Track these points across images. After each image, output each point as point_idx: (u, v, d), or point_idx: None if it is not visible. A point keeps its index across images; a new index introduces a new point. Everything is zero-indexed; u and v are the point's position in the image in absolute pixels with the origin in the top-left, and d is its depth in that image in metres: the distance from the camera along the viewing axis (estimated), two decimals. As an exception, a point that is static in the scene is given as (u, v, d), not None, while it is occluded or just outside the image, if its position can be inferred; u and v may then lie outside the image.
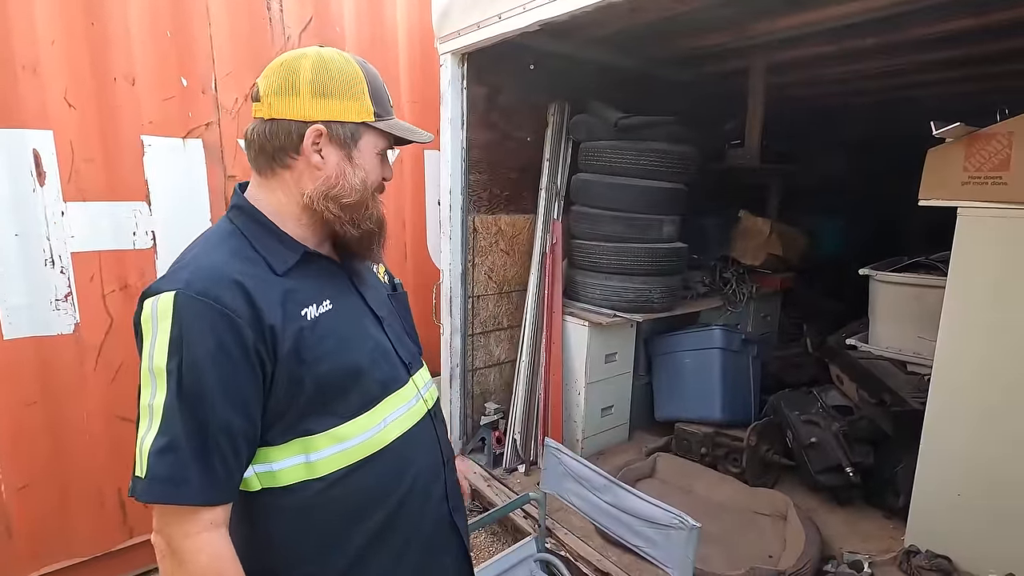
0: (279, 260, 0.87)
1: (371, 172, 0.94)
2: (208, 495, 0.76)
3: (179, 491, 0.75)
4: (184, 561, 0.76)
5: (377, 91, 0.93)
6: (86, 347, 2.09)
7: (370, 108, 0.91)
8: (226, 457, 0.77)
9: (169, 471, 0.74)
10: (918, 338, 2.58)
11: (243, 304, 0.79)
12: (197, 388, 0.75)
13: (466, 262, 2.79)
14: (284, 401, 0.83)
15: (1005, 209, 1.82)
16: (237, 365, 0.77)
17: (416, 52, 2.84)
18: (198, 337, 0.76)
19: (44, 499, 2.08)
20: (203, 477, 0.75)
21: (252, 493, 0.84)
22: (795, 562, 1.95)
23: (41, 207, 1.96)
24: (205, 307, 0.76)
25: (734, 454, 2.64)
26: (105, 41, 2.00)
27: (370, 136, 0.93)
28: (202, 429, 0.76)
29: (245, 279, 0.80)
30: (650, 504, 1.49)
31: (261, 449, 0.83)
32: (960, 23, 2.47)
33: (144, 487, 0.75)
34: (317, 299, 0.88)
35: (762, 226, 3.52)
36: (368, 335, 0.95)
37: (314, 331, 0.85)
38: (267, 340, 0.80)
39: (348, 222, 0.91)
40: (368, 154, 0.93)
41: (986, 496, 1.94)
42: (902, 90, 3.86)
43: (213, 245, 0.87)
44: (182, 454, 0.75)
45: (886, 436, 2.42)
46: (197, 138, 2.24)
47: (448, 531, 1.05)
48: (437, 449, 1.03)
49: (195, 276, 0.79)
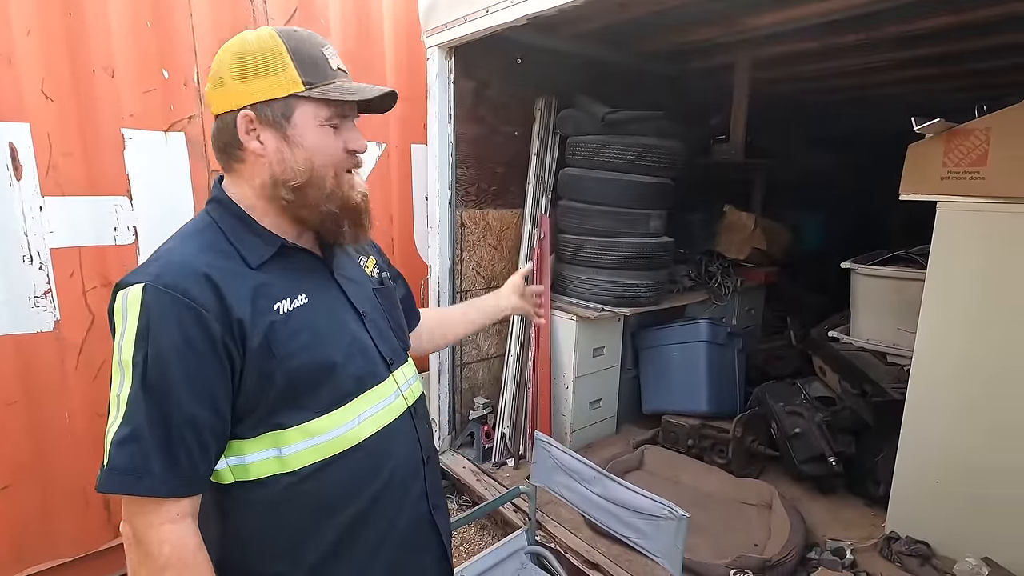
0: (254, 254, 0.86)
1: (316, 148, 0.86)
2: (171, 487, 0.76)
3: (140, 482, 0.75)
4: (149, 553, 0.76)
5: (306, 58, 0.85)
6: (67, 345, 2.05)
7: (296, 78, 0.84)
8: (191, 450, 0.77)
9: (129, 462, 0.74)
10: (898, 330, 2.64)
11: (211, 298, 0.78)
12: (161, 380, 0.75)
13: (454, 257, 2.79)
14: (254, 395, 0.82)
15: (983, 203, 1.86)
16: (203, 358, 0.77)
17: (403, 45, 2.81)
18: (164, 330, 0.76)
19: (26, 500, 2.04)
20: (166, 469, 0.75)
21: (225, 486, 0.84)
22: (780, 550, 1.99)
23: (18, 202, 1.91)
24: (172, 300, 0.76)
25: (720, 445, 2.69)
26: (83, 31, 1.95)
27: (306, 108, 0.85)
28: (165, 421, 0.75)
29: (214, 272, 0.80)
30: (639, 495, 1.51)
31: (234, 442, 0.83)
32: (938, 20, 2.52)
33: (104, 477, 0.75)
34: (292, 293, 0.87)
35: (746, 221, 3.56)
36: (346, 330, 0.93)
37: (286, 325, 0.84)
38: (235, 334, 0.79)
39: (304, 206, 0.88)
40: (307, 128, 0.86)
41: (963, 484, 2.00)
42: (881, 87, 3.92)
43: (187, 238, 0.86)
44: (144, 444, 0.75)
45: (867, 426, 2.47)
46: (179, 132, 2.20)
47: (427, 530, 1.03)
48: (416, 446, 1.01)
49: (164, 269, 0.79)
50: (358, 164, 0.94)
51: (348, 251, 1.05)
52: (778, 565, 1.94)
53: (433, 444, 1.09)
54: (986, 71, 3.32)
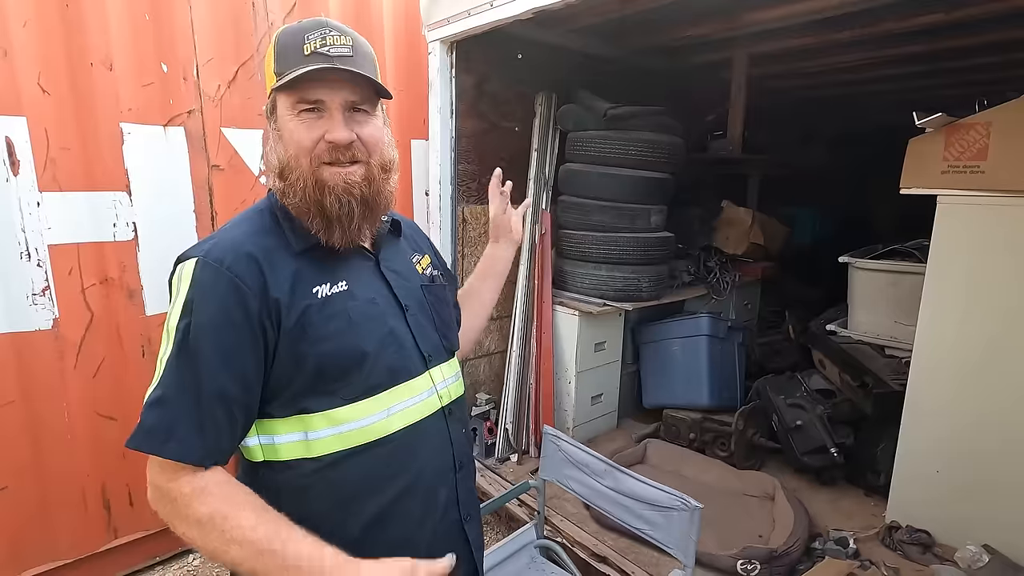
0: (300, 239, 0.89)
1: (290, 139, 0.85)
2: (197, 455, 0.77)
3: (165, 445, 0.77)
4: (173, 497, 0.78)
5: (283, 49, 0.85)
6: (66, 343, 2.01)
7: (273, 71, 0.86)
8: (218, 421, 0.79)
9: (156, 422, 0.77)
10: (895, 323, 2.68)
11: (253, 275, 0.82)
12: (197, 349, 0.78)
13: (456, 253, 2.78)
14: (285, 376, 0.83)
15: (983, 197, 1.89)
16: (239, 332, 0.80)
17: (402, 40, 2.79)
18: (207, 301, 0.79)
19: (24, 501, 2.01)
20: (191, 435, 0.77)
21: (254, 464, 0.86)
22: (785, 541, 2.01)
23: (15, 197, 1.87)
24: (218, 274, 0.80)
25: (722, 438, 2.71)
26: (81, 24, 1.91)
27: (282, 99, 0.86)
28: (196, 388, 0.78)
29: (259, 252, 0.84)
30: (652, 487, 1.51)
31: (266, 421, 0.85)
32: (932, 18, 2.56)
33: (133, 433, 0.77)
34: (332, 279, 0.89)
35: (744, 216, 3.59)
36: (383, 321, 0.92)
37: (322, 310, 0.86)
38: (271, 312, 0.82)
39: (293, 197, 0.86)
40: (285, 119, 0.86)
41: (963, 472, 2.03)
42: (875, 83, 3.98)
43: (242, 220, 0.91)
44: (172, 408, 0.77)
45: (866, 417, 2.50)
46: (179, 126, 2.17)
47: (457, 541, 0.99)
48: (449, 449, 0.98)
49: (216, 246, 0.83)
50: (352, 158, 0.87)
51: (401, 246, 1.05)
52: (784, 555, 1.96)
53: (469, 451, 1.05)
54: (975, 68, 3.39)
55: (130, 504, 2.25)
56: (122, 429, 2.18)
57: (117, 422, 2.16)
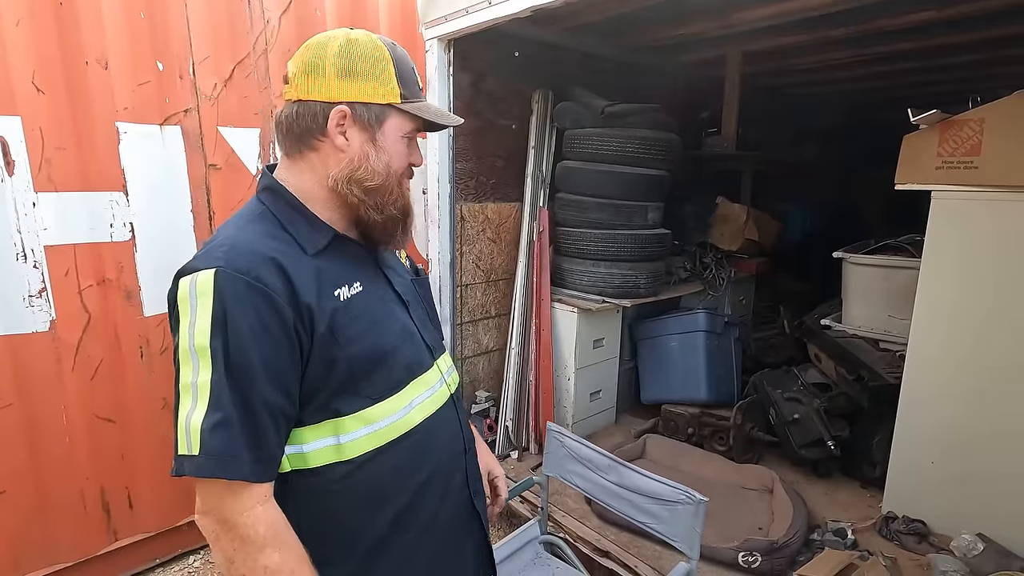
0: (310, 241, 0.88)
1: (396, 156, 0.92)
2: (257, 471, 0.77)
3: (232, 467, 0.76)
4: (245, 537, 0.76)
5: (405, 73, 0.91)
6: (63, 345, 1.99)
7: (396, 90, 0.90)
8: (269, 434, 0.79)
9: (222, 446, 0.75)
10: (889, 317, 2.72)
11: (281, 283, 0.80)
12: (243, 366, 0.76)
13: (454, 251, 2.77)
14: (318, 381, 0.84)
15: (976, 192, 1.92)
16: (277, 343, 0.79)
17: (398, 37, 2.75)
18: (240, 315, 0.77)
19: (22, 504, 1.99)
20: (252, 453, 0.77)
21: (282, 475, 0.85)
22: (785, 532, 2.04)
23: (10, 198, 1.85)
24: (246, 285, 0.77)
25: (720, 433, 2.73)
26: (75, 22, 1.89)
27: (396, 119, 0.91)
28: (249, 406, 0.77)
29: (281, 257, 0.82)
30: (656, 482, 1.53)
31: (294, 430, 0.84)
32: (923, 15, 2.59)
33: (199, 463, 0.75)
34: (349, 280, 0.89)
35: (739, 212, 3.61)
36: (395, 318, 0.96)
37: (347, 312, 0.86)
38: (304, 319, 0.81)
39: (372, 207, 0.90)
40: (393, 137, 0.91)
41: (958, 463, 2.07)
42: (868, 80, 4.02)
43: (246, 223, 0.87)
44: (234, 430, 0.76)
45: (861, 410, 2.54)
46: (175, 125, 2.15)
47: (469, 517, 1.06)
48: (459, 434, 1.04)
49: (233, 254, 0.79)
50: (412, 176, 0.99)
51: None
52: (784, 547, 1.98)
53: (472, 431, 1.11)
54: (966, 64, 3.43)
55: (129, 506, 2.24)
56: (120, 431, 2.16)
57: (115, 424, 2.14)
